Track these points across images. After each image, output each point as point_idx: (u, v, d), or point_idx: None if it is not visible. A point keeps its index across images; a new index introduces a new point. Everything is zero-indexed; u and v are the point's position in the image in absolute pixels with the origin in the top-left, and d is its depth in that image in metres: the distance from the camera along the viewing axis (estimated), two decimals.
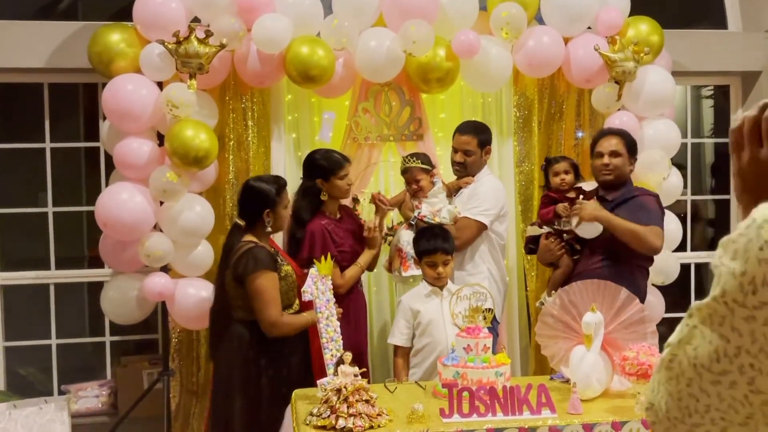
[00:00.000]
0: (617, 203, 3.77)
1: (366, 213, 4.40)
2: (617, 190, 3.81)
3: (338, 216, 3.90)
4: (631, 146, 3.85)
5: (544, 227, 3.94)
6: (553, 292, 3.90)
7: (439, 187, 4.04)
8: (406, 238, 3.94)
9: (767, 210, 1.01)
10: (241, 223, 3.48)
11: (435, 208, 3.95)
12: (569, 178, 3.96)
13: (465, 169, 4.07)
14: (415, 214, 3.96)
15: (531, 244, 4.07)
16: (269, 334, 3.33)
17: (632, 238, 3.66)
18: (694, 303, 1.08)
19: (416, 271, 3.84)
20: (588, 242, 3.81)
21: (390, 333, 3.73)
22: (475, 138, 4.05)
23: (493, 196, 4.02)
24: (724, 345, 1.03)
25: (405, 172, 4.03)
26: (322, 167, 3.80)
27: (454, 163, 4.10)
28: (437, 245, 3.62)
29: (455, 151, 4.08)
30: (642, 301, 3.36)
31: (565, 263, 3.89)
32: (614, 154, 3.79)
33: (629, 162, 3.84)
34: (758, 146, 1.11)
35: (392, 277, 4.22)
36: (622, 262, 3.73)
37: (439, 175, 4.16)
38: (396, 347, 3.68)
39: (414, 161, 4.00)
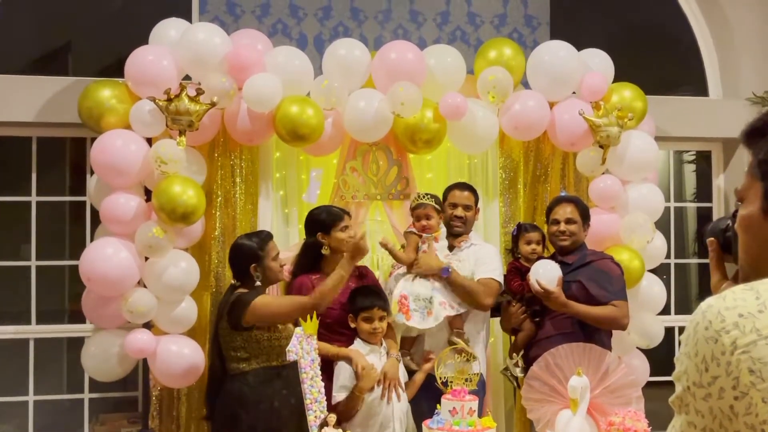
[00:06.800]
0: (576, 266, 3.89)
1: None
2: (574, 254, 3.95)
3: None
4: (584, 213, 4.02)
5: (505, 295, 4.03)
6: (515, 354, 3.95)
7: (444, 233, 4.03)
8: (419, 289, 3.84)
9: (711, 298, 1.11)
10: (236, 282, 3.56)
11: (444, 253, 3.94)
12: (539, 249, 4.06)
13: (465, 225, 4.03)
14: (445, 265, 3.85)
15: (494, 310, 4.12)
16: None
17: (604, 324, 3.82)
18: (670, 398, 1.14)
19: (423, 323, 3.78)
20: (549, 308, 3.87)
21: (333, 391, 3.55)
22: (473, 195, 4.09)
23: (498, 259, 4.06)
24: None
25: (417, 207, 3.97)
26: (322, 220, 3.80)
27: (454, 218, 4.02)
28: (374, 301, 3.64)
29: (454, 206, 4.03)
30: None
31: (527, 327, 3.97)
32: (570, 221, 3.95)
33: (583, 228, 3.99)
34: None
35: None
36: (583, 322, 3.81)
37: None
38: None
39: (429, 199, 3.97)
